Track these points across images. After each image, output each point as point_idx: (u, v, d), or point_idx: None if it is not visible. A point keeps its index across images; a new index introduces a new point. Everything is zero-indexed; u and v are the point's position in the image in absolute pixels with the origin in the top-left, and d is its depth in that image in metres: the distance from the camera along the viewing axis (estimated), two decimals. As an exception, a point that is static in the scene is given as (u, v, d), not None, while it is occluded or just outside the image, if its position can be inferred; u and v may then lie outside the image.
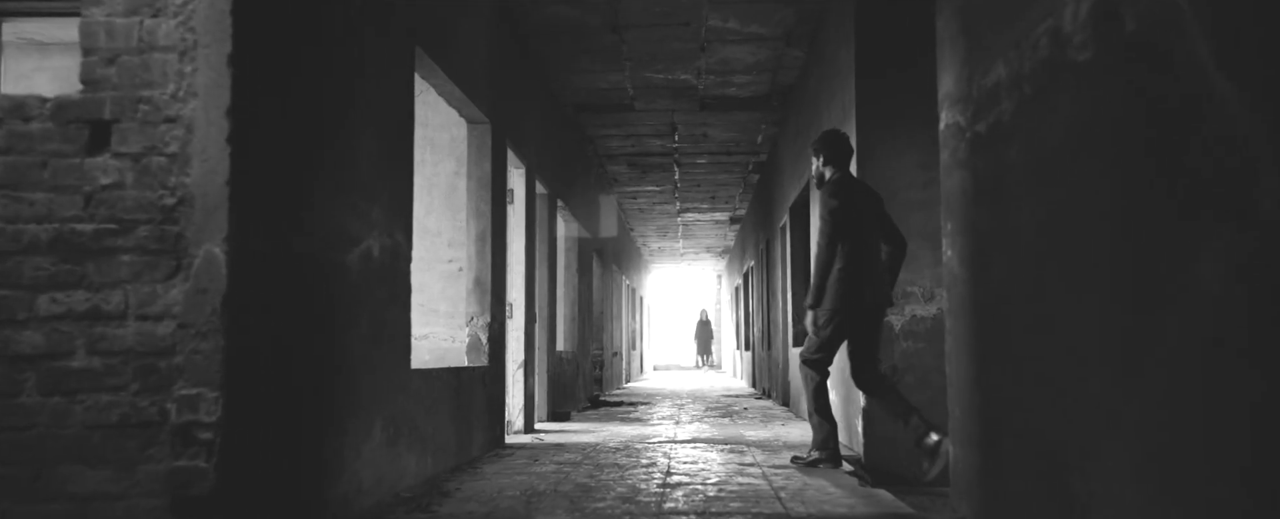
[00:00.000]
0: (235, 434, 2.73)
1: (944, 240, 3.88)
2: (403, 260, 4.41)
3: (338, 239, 3.62)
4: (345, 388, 3.68)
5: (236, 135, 2.76)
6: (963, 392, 3.64)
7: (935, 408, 5.75)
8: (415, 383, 4.62)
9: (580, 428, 8.16)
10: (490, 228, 6.42)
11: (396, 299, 4.31)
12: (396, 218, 4.32)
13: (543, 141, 8.67)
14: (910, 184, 5.90)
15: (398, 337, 4.33)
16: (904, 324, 5.83)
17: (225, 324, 2.69)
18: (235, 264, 2.74)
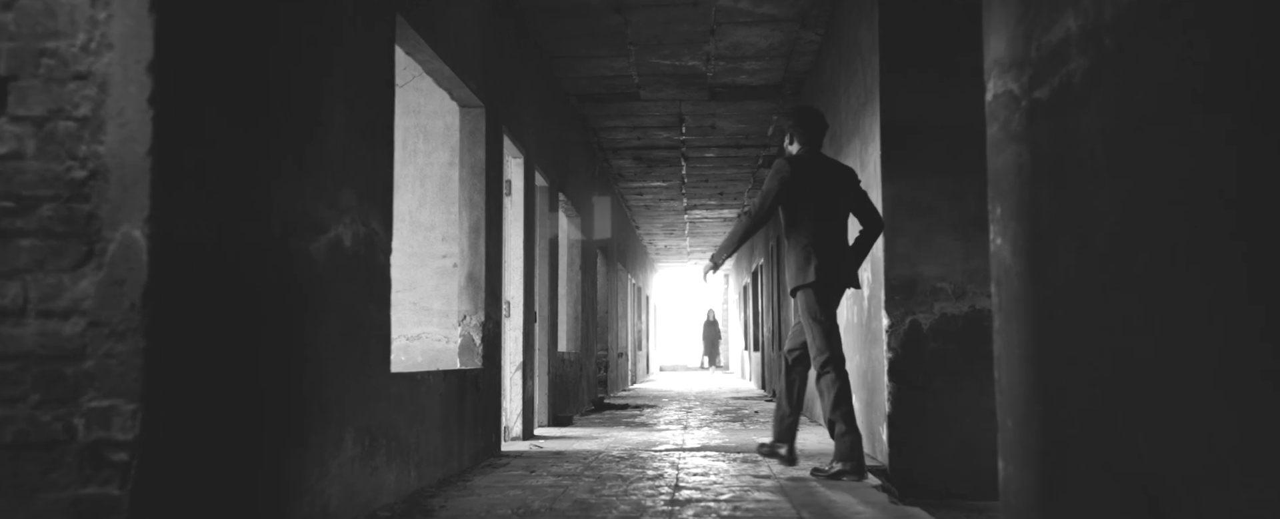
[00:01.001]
0: (157, 455, 2.27)
1: (992, 227, 3.41)
2: (381, 252, 3.96)
3: (299, 225, 3.16)
4: (308, 395, 3.22)
5: (161, 95, 2.30)
6: (1017, 401, 3.16)
7: (967, 416, 5.28)
8: (396, 388, 4.16)
9: (583, 434, 7.69)
10: (484, 220, 5.96)
11: (373, 295, 3.86)
12: (373, 204, 3.86)
13: (543, 131, 8.21)
14: (939, 170, 5.43)
15: (375, 337, 3.87)
16: (932, 323, 5.36)
17: (146, 322, 2.23)
18: (160, 250, 2.28)
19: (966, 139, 5.42)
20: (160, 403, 2.28)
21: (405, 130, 7.27)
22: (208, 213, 2.52)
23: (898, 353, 5.37)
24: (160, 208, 2.29)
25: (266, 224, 2.92)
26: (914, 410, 5.33)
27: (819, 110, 5.30)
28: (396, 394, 4.17)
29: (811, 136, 5.22)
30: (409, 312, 7.26)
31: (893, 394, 5.35)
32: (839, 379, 4.95)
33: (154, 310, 2.26)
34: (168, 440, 2.32)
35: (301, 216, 3.18)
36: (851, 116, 6.54)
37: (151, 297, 2.25)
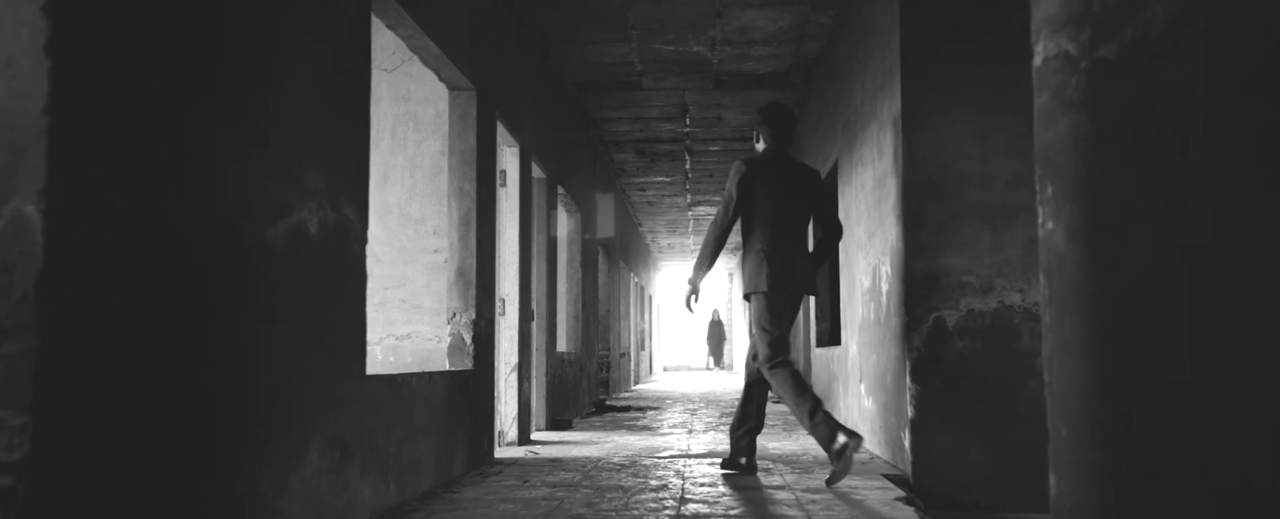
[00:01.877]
0: (55, 478, 1.87)
1: (1041, 210, 3.00)
2: (355, 241, 3.56)
3: (253, 208, 2.77)
4: (264, 402, 2.83)
5: (63, 42, 1.90)
6: (1074, 407, 2.76)
7: (997, 421, 4.88)
8: (373, 392, 3.77)
9: (582, 438, 7.30)
10: (475, 211, 5.56)
11: (345, 289, 3.46)
12: (345, 188, 3.47)
13: (540, 120, 7.82)
14: (965, 155, 5.03)
15: (347, 336, 3.47)
16: (958, 320, 4.96)
17: (41, 317, 1.84)
18: (60, 230, 1.89)
19: (995, 120, 5.02)
20: (59, 415, 1.88)
21: (395, 118, 6.89)
22: (127, 187, 2.13)
23: (920, 353, 4.97)
24: (61, 178, 1.89)
25: (209, 204, 2.52)
26: (939, 415, 4.93)
27: (788, 107, 5.17)
28: (373, 399, 3.77)
29: (779, 135, 5.05)
30: (399, 310, 6.87)
31: (915, 398, 4.95)
32: (791, 371, 4.92)
33: (52, 303, 1.86)
34: (70, 461, 1.92)
35: (256, 198, 2.79)
36: (867, 100, 6.14)
37: (49, 286, 1.86)
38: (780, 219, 4.93)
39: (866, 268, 6.30)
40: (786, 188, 4.99)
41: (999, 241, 4.98)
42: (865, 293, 6.35)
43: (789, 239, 4.94)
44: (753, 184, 4.96)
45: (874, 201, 5.92)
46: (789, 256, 4.92)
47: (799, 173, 5.06)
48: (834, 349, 8.06)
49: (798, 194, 5.01)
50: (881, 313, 5.76)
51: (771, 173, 4.98)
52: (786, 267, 4.91)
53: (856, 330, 6.75)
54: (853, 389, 6.93)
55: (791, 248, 4.94)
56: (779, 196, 4.94)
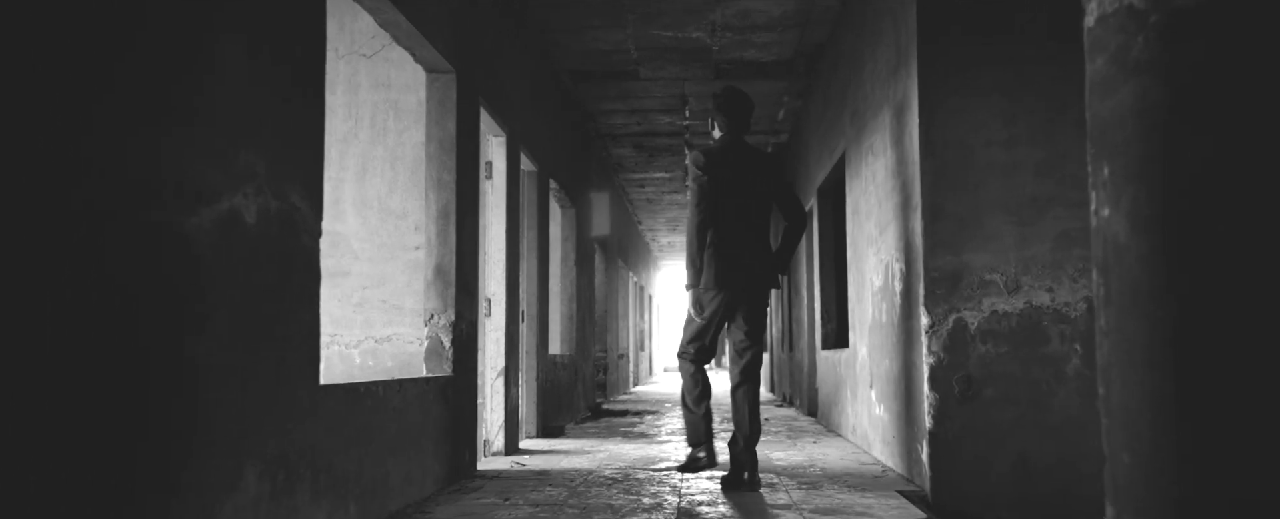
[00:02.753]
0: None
1: (1095, 195, 2.57)
2: (305, 234, 3.13)
3: (168, 192, 2.34)
4: (182, 421, 2.40)
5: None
6: (1141, 430, 2.34)
7: (1023, 431, 4.45)
8: (328, 404, 3.34)
9: (574, 447, 6.87)
10: (455, 203, 5.14)
11: (293, 288, 3.04)
12: (292, 173, 3.04)
13: (531, 110, 7.39)
14: (989, 141, 4.60)
15: (295, 341, 3.05)
16: (980, 322, 4.53)
17: None
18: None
19: (1020, 103, 4.59)
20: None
21: (375, 106, 6.47)
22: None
23: (940, 357, 4.54)
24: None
25: (106, 186, 2.09)
26: (960, 425, 4.50)
27: (744, 92, 4.98)
28: (329, 412, 3.34)
29: (734, 122, 4.87)
30: (378, 310, 6.46)
31: (934, 406, 4.52)
32: (697, 369, 4.87)
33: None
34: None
35: (172, 180, 2.36)
36: (878, 85, 5.71)
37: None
38: (734, 211, 4.74)
39: (877, 265, 5.87)
40: (743, 179, 4.78)
41: (1026, 236, 4.55)
42: (876, 292, 5.92)
43: (742, 234, 4.75)
44: (709, 175, 4.76)
45: (886, 193, 5.49)
46: (738, 252, 4.74)
47: (757, 162, 4.84)
48: (841, 352, 7.63)
49: (755, 185, 4.80)
50: (894, 314, 5.33)
51: (728, 163, 4.77)
52: (731, 263, 4.73)
53: (866, 332, 6.32)
54: (862, 395, 6.50)
55: (744, 243, 4.76)
56: (735, 188, 4.74)
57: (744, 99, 4.94)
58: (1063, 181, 4.54)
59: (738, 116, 4.89)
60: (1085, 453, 4.41)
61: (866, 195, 6.26)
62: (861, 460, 5.83)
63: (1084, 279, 4.50)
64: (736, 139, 4.88)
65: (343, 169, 6.53)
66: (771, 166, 4.89)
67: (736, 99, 4.92)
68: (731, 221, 4.75)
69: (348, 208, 6.51)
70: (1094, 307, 2.52)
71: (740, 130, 4.91)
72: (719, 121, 4.93)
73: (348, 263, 6.48)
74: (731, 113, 4.87)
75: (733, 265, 4.73)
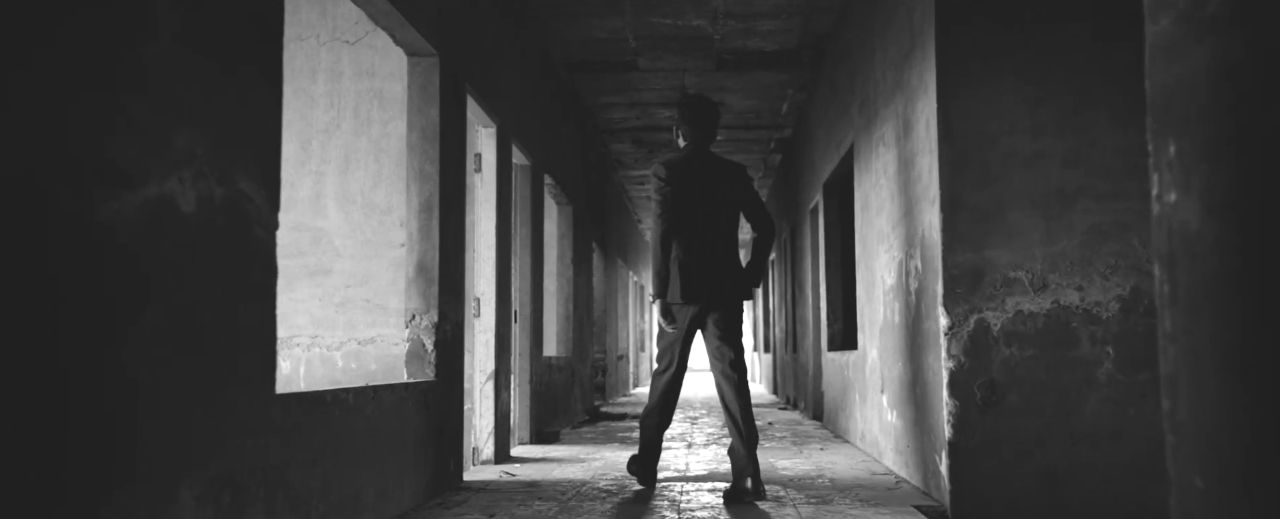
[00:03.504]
0: None
1: (1158, 177, 2.24)
2: (258, 226, 2.79)
3: (85, 174, 2.01)
4: (100, 435, 2.06)
5: None
6: (1220, 450, 2.00)
7: (1051, 442, 4.11)
8: (287, 415, 3.00)
9: (568, 454, 6.53)
10: (438, 196, 4.80)
11: (242, 286, 2.70)
12: (241, 157, 2.70)
13: (524, 100, 7.05)
14: (1013, 129, 4.26)
15: (245, 345, 2.71)
16: (1004, 323, 4.19)
17: None
18: None
19: (1046, 87, 4.25)
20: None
21: (358, 96, 6.15)
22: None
23: (960, 361, 4.20)
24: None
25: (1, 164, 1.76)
26: (981, 435, 4.16)
27: (710, 100, 4.88)
28: (287, 423, 3.00)
29: (698, 131, 4.76)
30: (362, 311, 6.14)
31: (954, 414, 4.18)
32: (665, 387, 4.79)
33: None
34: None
35: (90, 160, 2.03)
36: (891, 70, 5.37)
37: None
38: (699, 223, 4.65)
39: (889, 263, 5.53)
40: (709, 188, 4.68)
41: (1053, 231, 4.21)
42: (888, 291, 5.58)
43: (707, 247, 4.66)
44: (673, 186, 4.67)
45: (899, 186, 5.15)
46: (705, 264, 4.65)
47: (722, 172, 4.73)
48: (848, 354, 7.29)
49: (721, 195, 4.70)
50: (909, 314, 4.99)
51: (692, 174, 4.68)
52: (698, 276, 4.64)
53: (877, 334, 5.98)
54: (872, 400, 6.16)
55: (711, 254, 4.67)
56: (699, 200, 4.66)
57: (709, 107, 4.82)
58: (1092, 172, 4.20)
59: (702, 125, 4.77)
60: (1119, 465, 4.07)
61: (877, 189, 5.92)
62: (873, 470, 5.49)
63: (1117, 277, 4.16)
64: (701, 148, 4.77)
65: (324, 162, 6.20)
66: (738, 176, 4.77)
67: (700, 107, 4.80)
68: (698, 233, 4.65)
69: (330, 202, 6.18)
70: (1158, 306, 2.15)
71: (706, 139, 4.79)
72: (683, 130, 4.82)
73: (330, 260, 6.15)
74: (695, 122, 4.76)
75: (699, 278, 4.64)
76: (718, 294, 4.66)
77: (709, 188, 4.68)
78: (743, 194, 4.75)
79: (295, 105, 6.15)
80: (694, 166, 4.70)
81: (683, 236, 4.65)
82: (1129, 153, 4.19)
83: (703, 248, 4.65)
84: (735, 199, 4.73)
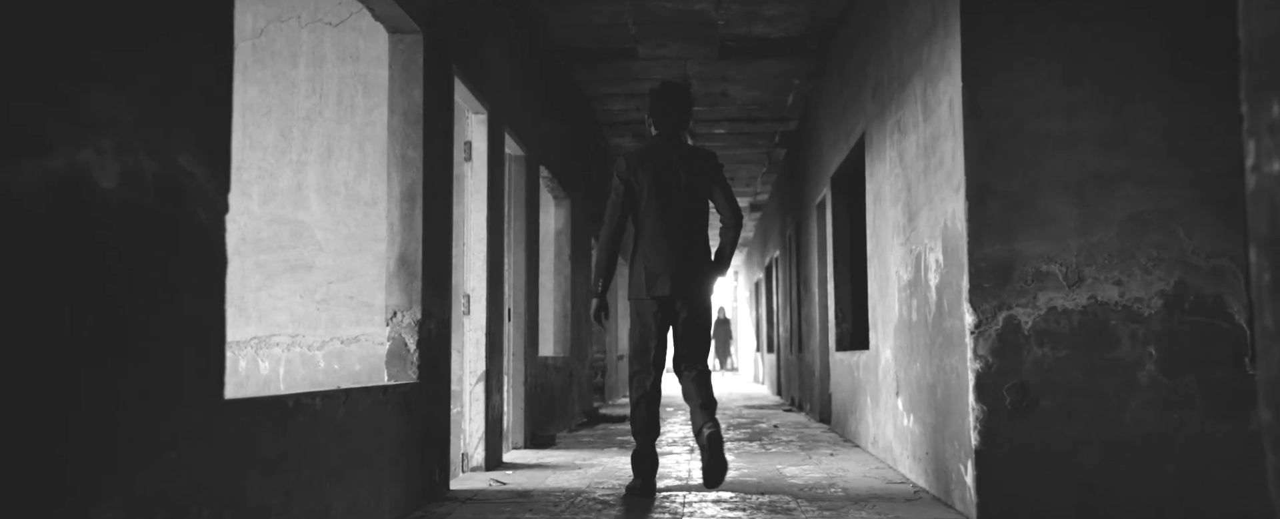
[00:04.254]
0: None
1: (1253, 144, 1.90)
2: (202, 209, 2.45)
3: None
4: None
5: None
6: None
7: (1088, 450, 3.76)
8: (237, 424, 2.66)
9: (564, 460, 6.18)
10: (423, 185, 4.46)
11: (180, 277, 2.35)
12: (180, 126, 2.35)
13: (517, 87, 6.71)
14: (1047, 107, 3.91)
15: (185, 345, 2.36)
16: (1036, 321, 3.84)
17: None
18: None
19: (1082, 63, 3.90)
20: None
21: (341, 81, 5.81)
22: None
23: (988, 362, 3.85)
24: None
25: None
26: (1012, 443, 3.81)
27: (681, 86, 4.76)
28: (239, 433, 2.66)
29: (667, 120, 4.65)
30: (345, 308, 5.80)
31: (982, 420, 3.83)
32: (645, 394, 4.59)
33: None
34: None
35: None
36: (908, 50, 5.02)
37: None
38: (660, 217, 4.54)
39: (905, 257, 5.18)
40: (670, 180, 4.55)
41: (1089, 219, 3.86)
42: (904, 287, 5.23)
43: (669, 239, 4.54)
44: (631, 180, 4.58)
45: (919, 173, 4.80)
46: (664, 258, 4.52)
47: (687, 161, 4.60)
48: (858, 354, 6.94)
49: (684, 185, 4.56)
50: (928, 311, 4.64)
51: (653, 164, 4.57)
52: (656, 271, 4.52)
53: (891, 333, 5.63)
54: (886, 403, 5.81)
55: (670, 249, 4.53)
56: (660, 191, 4.54)
57: (678, 94, 4.71)
58: (1134, 154, 3.85)
59: (670, 114, 4.67)
60: (1163, 476, 3.72)
61: (892, 178, 5.57)
62: (888, 479, 5.15)
63: (1160, 270, 3.81)
64: (672, 137, 4.66)
65: (305, 150, 5.86)
66: (706, 164, 4.64)
67: (668, 95, 4.70)
68: (660, 228, 4.54)
69: (311, 194, 5.84)
70: (1255, 299, 1.75)
71: (675, 127, 4.69)
72: (653, 119, 4.72)
73: (311, 255, 5.81)
74: (664, 110, 4.66)
75: (659, 271, 4.52)
76: (677, 286, 4.52)
77: (677, 177, 4.55)
78: (710, 181, 4.60)
79: (275, 91, 5.81)
80: (661, 156, 4.57)
81: (647, 228, 4.56)
82: (1174, 134, 3.84)
83: (664, 239, 4.52)
84: (703, 186, 4.59)
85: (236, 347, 5.80)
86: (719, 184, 4.64)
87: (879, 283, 6.08)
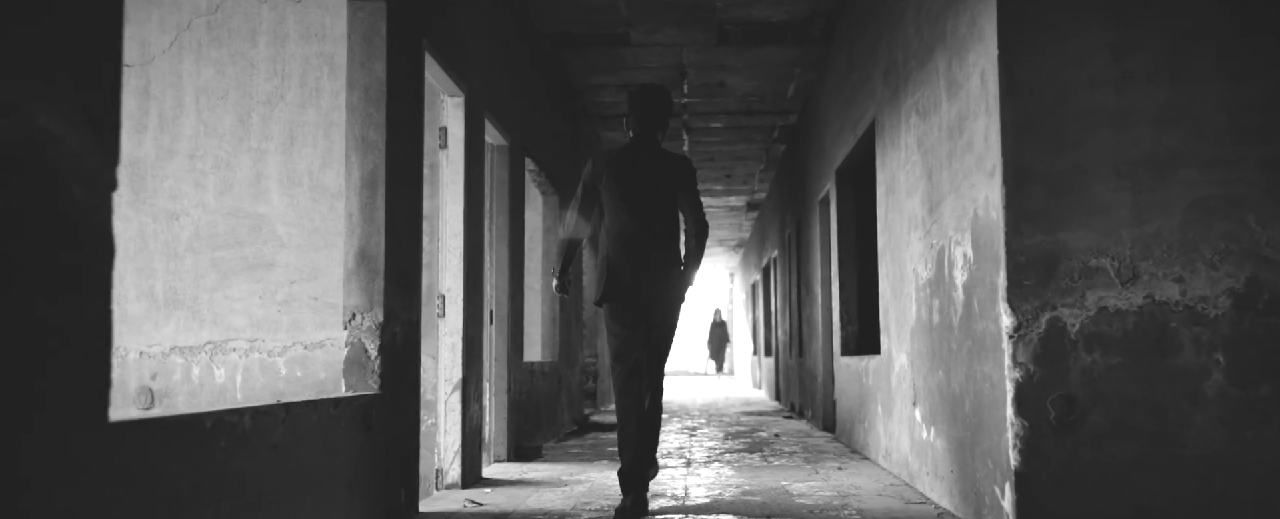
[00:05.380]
0: None
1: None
2: (76, 183, 1.94)
3: None
4: None
5: None
6: None
7: (1147, 472, 3.27)
8: (128, 452, 2.15)
9: (550, 474, 5.68)
10: (386, 170, 3.96)
11: (42, 268, 1.84)
12: (40, 76, 1.85)
13: (500, 71, 6.21)
14: (1093, 80, 3.42)
15: (46, 353, 1.85)
16: (1084, 323, 3.35)
17: None
18: None
19: (1135, 30, 3.41)
20: None
21: (305, 61, 5.30)
22: None
23: (1028, 371, 3.36)
24: None
25: None
26: (1057, 463, 3.32)
27: (660, 88, 4.57)
28: (129, 465, 2.15)
29: (643, 122, 4.50)
30: (309, 310, 5.29)
31: (1022, 437, 3.34)
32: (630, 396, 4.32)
33: None
34: None
35: None
36: (929, 24, 4.52)
37: None
38: (627, 221, 4.39)
39: (925, 252, 4.69)
40: (647, 182, 4.42)
41: (1144, 207, 3.37)
42: (923, 286, 4.74)
43: (639, 241, 4.39)
44: (598, 182, 4.46)
45: (942, 159, 4.31)
46: (631, 262, 4.38)
47: (659, 166, 4.47)
48: (867, 359, 6.45)
49: (653, 191, 4.42)
50: (953, 312, 4.14)
51: (622, 167, 4.44)
52: (622, 276, 4.37)
53: (907, 336, 5.13)
54: (901, 413, 5.31)
55: (635, 256, 4.38)
56: (628, 195, 4.40)
57: (656, 96, 4.54)
58: (1196, 132, 3.36)
59: (647, 117, 4.50)
60: (1233, 503, 3.23)
61: (908, 167, 5.07)
62: (906, 498, 4.65)
63: (1228, 265, 3.32)
64: (646, 141, 4.51)
65: (266, 138, 5.34)
66: (678, 169, 4.48)
67: (645, 97, 4.54)
68: (627, 232, 4.39)
69: (272, 185, 5.32)
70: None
71: (652, 130, 4.53)
72: (630, 121, 4.56)
73: (272, 252, 5.29)
74: (640, 112, 4.50)
75: (621, 277, 4.37)
76: (640, 292, 4.36)
77: (646, 181, 4.43)
78: (679, 187, 4.46)
79: (232, 73, 5.31)
80: (632, 159, 4.45)
81: (613, 233, 4.42)
82: (1241, 108, 3.35)
83: (634, 245, 4.38)
84: (671, 192, 4.46)
85: (189, 352, 5.30)
86: (687, 191, 4.48)
87: (892, 282, 5.58)
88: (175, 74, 5.46)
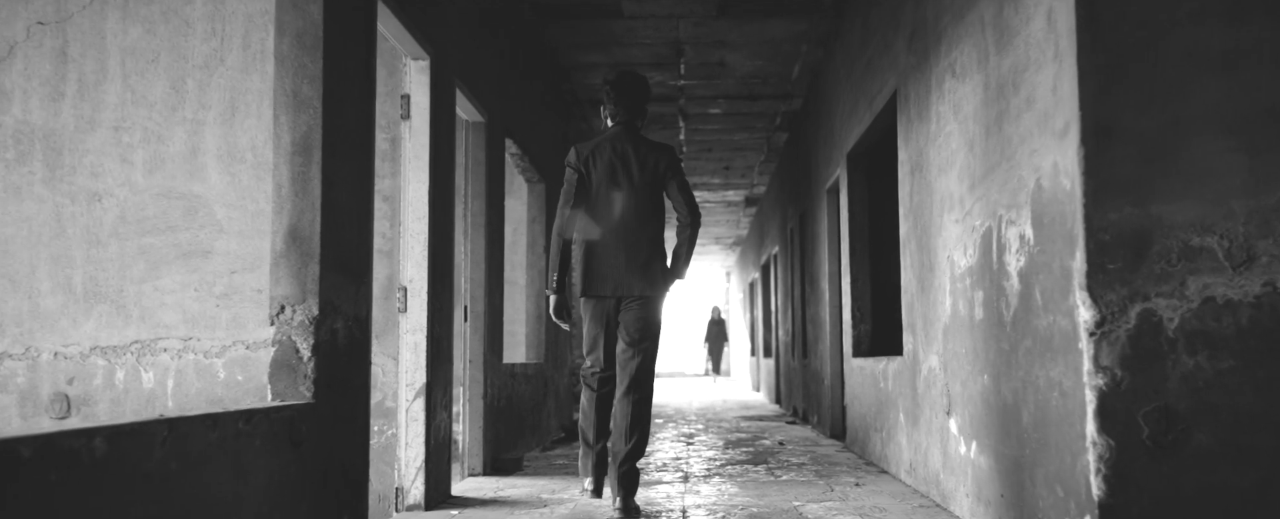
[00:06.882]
0: None
1: None
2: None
3: None
4: None
5: None
6: None
7: (1267, 506, 2.61)
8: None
9: (527, 492, 4.99)
10: (322, 134, 3.28)
11: None
12: None
13: (476, 35, 5.52)
14: (1198, 12, 2.75)
15: None
16: (1185, 317, 2.68)
17: None
18: None
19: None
20: None
21: (248, 20, 4.60)
22: None
23: (1114, 377, 2.69)
24: None
25: None
26: (1153, 493, 2.65)
27: (638, 75, 4.46)
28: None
29: (623, 110, 4.38)
30: (251, 304, 4.59)
31: (1106, 460, 2.66)
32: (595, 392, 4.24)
33: None
34: None
35: None
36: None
37: None
38: (610, 211, 4.25)
39: (965, 235, 4.01)
40: (629, 171, 4.29)
41: (1264, 172, 2.71)
42: (961, 276, 4.06)
43: (618, 237, 4.24)
44: (580, 171, 4.30)
45: (991, 122, 3.63)
46: (612, 257, 4.22)
47: (643, 154, 4.32)
48: (885, 361, 5.77)
49: (639, 180, 4.29)
50: (1006, 305, 3.47)
51: (606, 155, 4.31)
52: (603, 267, 4.23)
53: (939, 335, 4.46)
54: (931, 423, 4.63)
55: (621, 244, 4.23)
56: (612, 184, 4.27)
57: (635, 83, 4.43)
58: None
59: (627, 104, 4.37)
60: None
61: (942, 139, 4.40)
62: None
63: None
64: (627, 129, 4.37)
65: (203, 107, 4.64)
66: (664, 157, 4.35)
67: (624, 84, 4.41)
68: (609, 222, 4.24)
69: (210, 160, 4.62)
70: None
71: (631, 118, 4.40)
72: (609, 109, 4.42)
73: (209, 238, 4.60)
74: (619, 100, 4.37)
75: (604, 270, 4.23)
76: (623, 285, 4.20)
77: (631, 170, 4.28)
78: (666, 175, 4.32)
79: (164, 32, 4.61)
80: (615, 146, 4.30)
81: (598, 221, 4.25)
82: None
83: (613, 236, 4.22)
84: (659, 182, 4.32)
85: (112, 353, 4.61)
86: (676, 179, 4.36)
87: (919, 273, 4.91)
88: (98, 33, 4.77)
